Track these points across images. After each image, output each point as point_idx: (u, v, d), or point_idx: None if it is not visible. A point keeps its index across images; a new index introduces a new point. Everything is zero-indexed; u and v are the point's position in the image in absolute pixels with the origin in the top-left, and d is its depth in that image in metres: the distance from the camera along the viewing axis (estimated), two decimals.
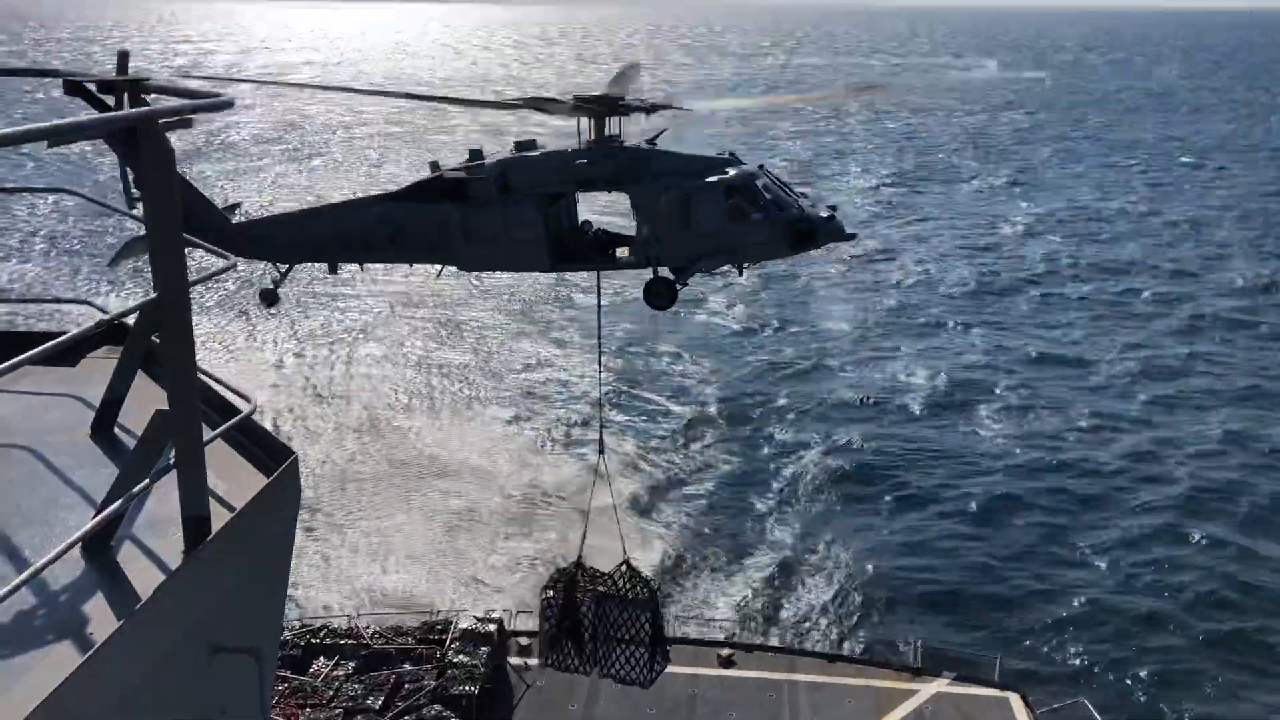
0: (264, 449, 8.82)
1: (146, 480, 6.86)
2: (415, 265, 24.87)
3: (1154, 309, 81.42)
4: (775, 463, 55.14)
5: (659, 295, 23.16)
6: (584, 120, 22.69)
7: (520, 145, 23.68)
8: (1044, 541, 47.79)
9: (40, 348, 6.31)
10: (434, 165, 23.63)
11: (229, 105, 7.52)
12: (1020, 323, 77.74)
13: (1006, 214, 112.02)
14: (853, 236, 23.78)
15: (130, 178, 20.08)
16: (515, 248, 22.86)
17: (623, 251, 23.91)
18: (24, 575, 5.79)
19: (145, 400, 8.38)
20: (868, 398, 62.83)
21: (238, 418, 8.30)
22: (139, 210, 7.53)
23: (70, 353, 10.24)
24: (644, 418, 60.09)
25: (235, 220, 23.83)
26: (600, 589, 25.81)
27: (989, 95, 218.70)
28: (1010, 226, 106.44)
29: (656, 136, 23.44)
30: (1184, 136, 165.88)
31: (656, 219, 22.54)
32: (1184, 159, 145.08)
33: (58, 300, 65.64)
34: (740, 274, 24.12)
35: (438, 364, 67.90)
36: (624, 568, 25.75)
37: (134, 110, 6.93)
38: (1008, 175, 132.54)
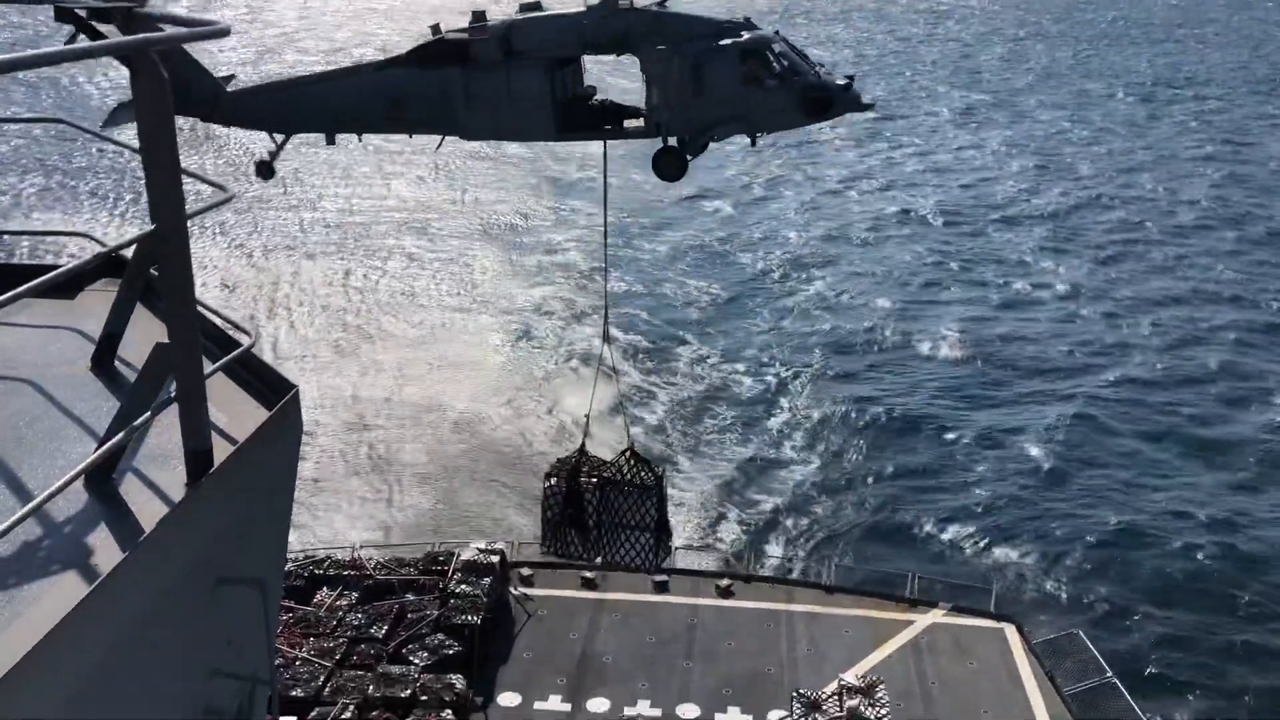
0: (265, 382, 8.79)
1: (148, 413, 6.84)
2: (415, 137, 24.01)
3: (1140, 235, 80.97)
4: (765, 389, 55.44)
5: (669, 166, 22.55)
6: None
7: (525, 6, 22.85)
8: (1039, 473, 48.16)
9: (38, 280, 6.24)
10: (435, 29, 22.79)
11: (225, 33, 7.37)
12: (1011, 251, 77.38)
13: (983, 141, 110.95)
14: (870, 107, 22.99)
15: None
16: (519, 113, 22.16)
17: (631, 121, 23.17)
18: (28, 507, 5.79)
19: (145, 333, 8.33)
20: (859, 326, 62.90)
21: (238, 351, 8.27)
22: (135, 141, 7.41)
23: (68, 285, 10.17)
24: (635, 335, 60.41)
25: (230, 89, 23.19)
26: (605, 475, 25.58)
27: (984, 22, 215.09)
28: (987, 154, 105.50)
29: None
30: (1173, 66, 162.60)
31: (667, 84, 21.78)
32: (1173, 89, 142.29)
33: (55, 233, 65.23)
34: (754, 144, 23.31)
35: (429, 273, 68.51)
36: (628, 454, 25.52)
37: (129, 38, 6.78)
38: (985, 101, 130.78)
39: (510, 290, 67.59)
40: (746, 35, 21.86)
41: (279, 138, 23.68)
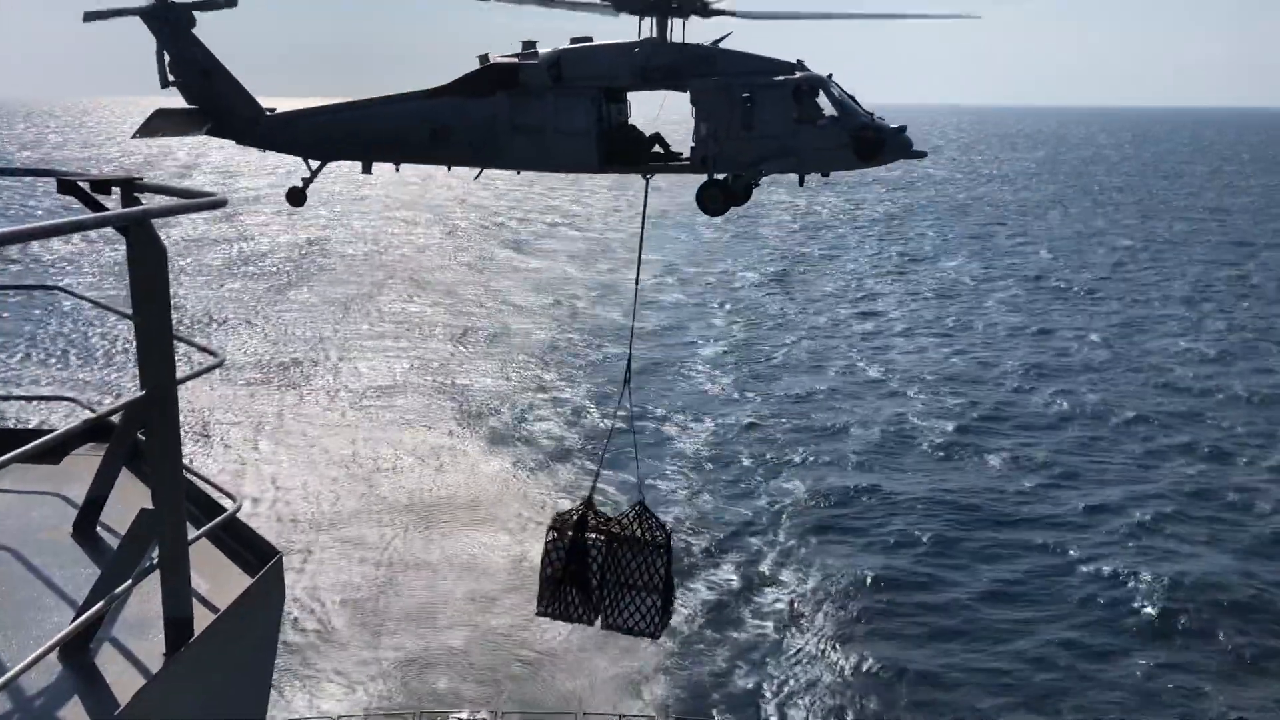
0: (248, 548, 8.69)
1: (129, 581, 6.73)
2: (454, 170, 24.09)
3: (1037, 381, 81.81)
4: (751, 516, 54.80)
5: (714, 200, 22.47)
6: (645, 21, 22.29)
7: (576, 40, 23.22)
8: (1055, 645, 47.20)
9: (25, 447, 6.24)
10: (483, 58, 23.02)
11: (222, 204, 7.61)
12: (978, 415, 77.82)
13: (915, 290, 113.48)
14: (923, 154, 23.05)
15: (167, 60, 22.37)
16: (564, 142, 22.27)
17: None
18: None
19: (129, 498, 8.28)
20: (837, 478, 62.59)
21: (222, 517, 8.19)
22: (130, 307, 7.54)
23: (54, 450, 10.15)
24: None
25: (270, 114, 23.59)
26: (613, 531, 24.08)
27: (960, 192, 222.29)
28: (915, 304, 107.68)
29: (722, 39, 22.93)
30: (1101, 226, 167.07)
31: (717, 117, 21.90)
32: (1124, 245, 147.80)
33: (42, 398, 65.02)
34: (801, 184, 23.35)
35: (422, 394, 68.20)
36: (637, 508, 24.12)
37: (129, 209, 7.02)
38: (914, 254, 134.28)
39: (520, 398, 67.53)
40: (800, 75, 22.18)
41: (314, 164, 23.84)
